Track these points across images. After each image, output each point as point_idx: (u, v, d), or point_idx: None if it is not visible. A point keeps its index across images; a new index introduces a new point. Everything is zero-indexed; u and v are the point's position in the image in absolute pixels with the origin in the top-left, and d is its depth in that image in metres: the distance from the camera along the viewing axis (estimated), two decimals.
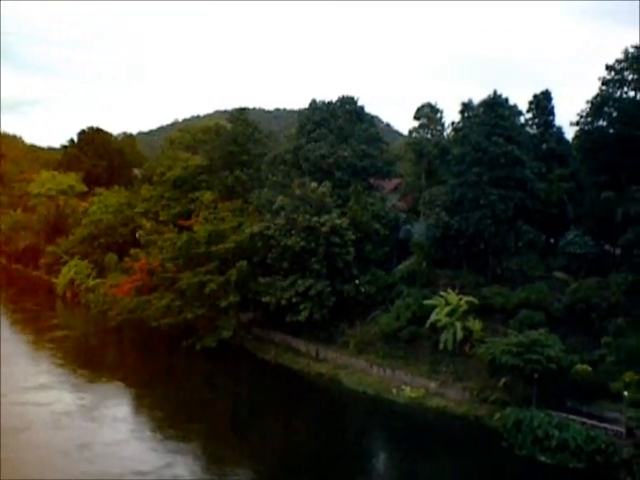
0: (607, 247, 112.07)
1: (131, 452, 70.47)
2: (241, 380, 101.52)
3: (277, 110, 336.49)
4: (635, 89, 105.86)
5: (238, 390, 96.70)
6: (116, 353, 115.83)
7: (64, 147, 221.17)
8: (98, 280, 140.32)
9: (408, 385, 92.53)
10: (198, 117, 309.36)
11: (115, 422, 79.00)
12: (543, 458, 71.87)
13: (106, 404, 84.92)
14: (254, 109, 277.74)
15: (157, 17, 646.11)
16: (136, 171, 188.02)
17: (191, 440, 74.63)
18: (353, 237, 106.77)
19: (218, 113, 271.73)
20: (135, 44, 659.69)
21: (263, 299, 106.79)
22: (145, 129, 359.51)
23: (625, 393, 73.41)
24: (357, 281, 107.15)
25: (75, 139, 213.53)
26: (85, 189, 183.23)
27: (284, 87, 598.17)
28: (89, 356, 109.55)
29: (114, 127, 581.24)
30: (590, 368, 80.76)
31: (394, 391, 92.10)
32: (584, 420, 73.86)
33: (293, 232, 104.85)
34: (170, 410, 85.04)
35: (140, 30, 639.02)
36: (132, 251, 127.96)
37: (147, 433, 76.47)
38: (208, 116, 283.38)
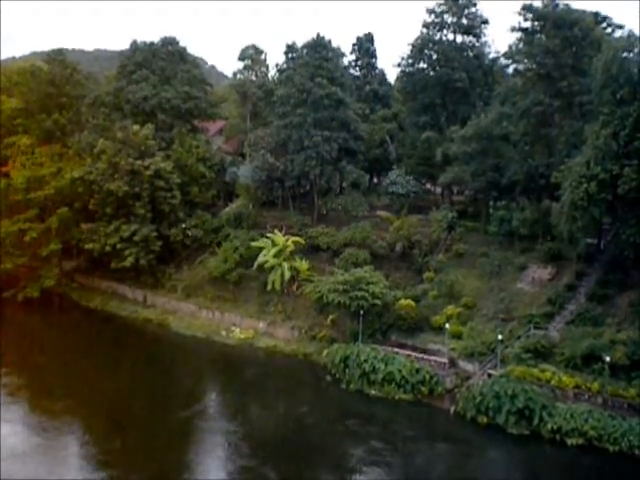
0: (428, 186, 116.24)
1: None
2: (65, 329, 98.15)
3: (97, 51, 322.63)
4: (454, 32, 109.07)
5: (62, 341, 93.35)
6: None
7: None
8: None
9: (238, 326, 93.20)
10: (14, 59, 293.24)
11: None
12: (372, 391, 74.01)
13: None
14: (73, 50, 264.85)
15: None
16: None
17: (18, 397, 71.73)
18: (178, 180, 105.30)
19: (35, 55, 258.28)
20: None
21: (86, 246, 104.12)
22: None
23: (447, 325, 76.76)
24: (183, 225, 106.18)
25: None
26: None
27: (104, 27, 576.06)
28: None
29: None
30: (413, 303, 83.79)
31: (224, 333, 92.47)
32: (409, 353, 76.62)
33: (116, 176, 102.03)
34: None
35: None
36: None
37: None
38: (24, 58, 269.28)
